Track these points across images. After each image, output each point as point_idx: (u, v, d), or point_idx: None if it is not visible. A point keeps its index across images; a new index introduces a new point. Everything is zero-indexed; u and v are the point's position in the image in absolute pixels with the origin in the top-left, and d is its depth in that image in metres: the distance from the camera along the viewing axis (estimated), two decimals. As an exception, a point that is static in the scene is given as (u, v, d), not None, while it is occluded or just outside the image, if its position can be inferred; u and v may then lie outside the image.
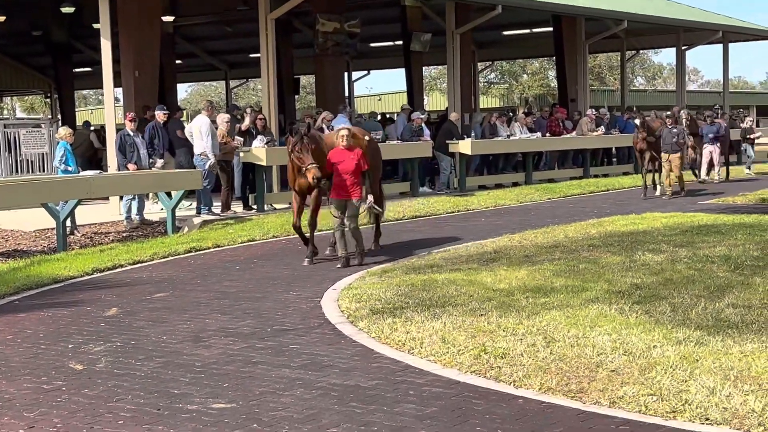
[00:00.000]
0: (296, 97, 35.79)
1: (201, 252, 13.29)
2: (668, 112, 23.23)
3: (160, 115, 17.30)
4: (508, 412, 5.71)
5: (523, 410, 5.73)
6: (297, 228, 12.35)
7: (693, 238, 12.33)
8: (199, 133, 16.42)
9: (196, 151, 16.55)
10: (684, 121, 20.97)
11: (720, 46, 34.50)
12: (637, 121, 20.26)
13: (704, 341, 6.95)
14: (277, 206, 17.97)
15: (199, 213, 16.80)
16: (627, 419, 5.50)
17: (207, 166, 16.26)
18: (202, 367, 6.98)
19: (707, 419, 5.42)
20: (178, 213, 16.01)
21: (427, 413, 5.72)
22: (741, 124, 27.90)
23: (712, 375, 6.09)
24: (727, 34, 33.69)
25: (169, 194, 15.76)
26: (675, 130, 19.19)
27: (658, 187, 20.08)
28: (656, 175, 20.23)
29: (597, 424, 5.43)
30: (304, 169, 11.56)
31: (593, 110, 27.44)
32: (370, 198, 12.01)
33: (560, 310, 8.12)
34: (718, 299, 8.39)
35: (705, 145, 22.96)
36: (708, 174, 23.38)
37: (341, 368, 6.82)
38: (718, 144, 23.33)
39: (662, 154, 19.18)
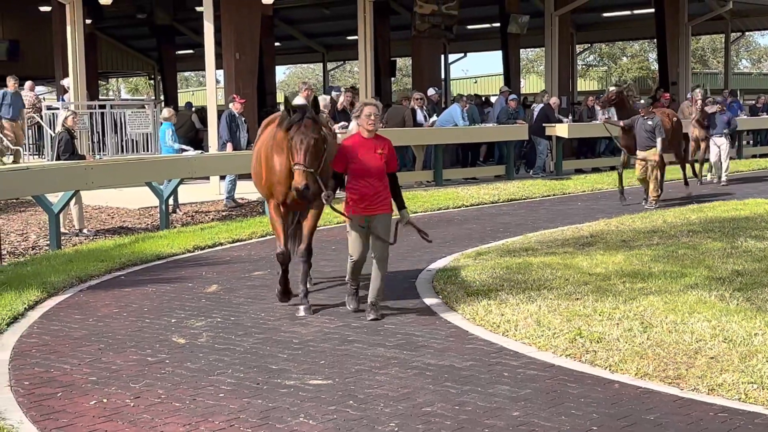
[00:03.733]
0: (392, 79, 35.85)
1: (298, 232, 13.47)
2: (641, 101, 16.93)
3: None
4: (603, 396, 5.68)
5: (619, 395, 5.70)
6: (287, 258, 8.39)
7: (798, 226, 12.00)
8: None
9: None
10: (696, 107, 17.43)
11: (831, 27, 33.31)
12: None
13: (808, 330, 6.79)
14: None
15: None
16: (726, 407, 5.43)
17: None
18: (300, 344, 7.13)
19: (810, 409, 5.32)
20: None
21: (522, 395, 5.74)
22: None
23: (816, 365, 5.96)
24: (838, 14, 32.48)
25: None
26: (650, 123, 15.24)
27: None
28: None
29: (695, 411, 5.37)
30: (293, 167, 7.79)
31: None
32: (407, 214, 8.01)
33: (658, 296, 8.02)
34: (823, 288, 8.17)
35: (714, 138, 19.44)
36: (711, 171, 20.02)
37: (436, 348, 6.88)
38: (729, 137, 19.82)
39: (637, 152, 15.53)
